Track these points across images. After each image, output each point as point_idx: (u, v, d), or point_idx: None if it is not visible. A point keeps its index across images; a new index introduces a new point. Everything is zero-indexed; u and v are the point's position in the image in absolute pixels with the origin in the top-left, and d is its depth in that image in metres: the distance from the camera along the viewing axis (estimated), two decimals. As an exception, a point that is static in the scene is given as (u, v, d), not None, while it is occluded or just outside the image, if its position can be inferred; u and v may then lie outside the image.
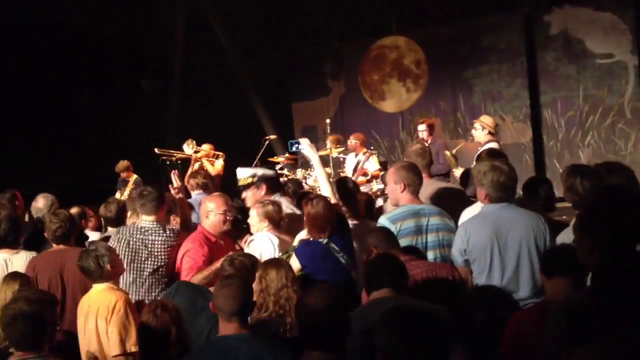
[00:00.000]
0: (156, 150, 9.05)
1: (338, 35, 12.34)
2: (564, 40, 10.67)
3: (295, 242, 4.55)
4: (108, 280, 3.86)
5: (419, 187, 4.22)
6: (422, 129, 8.26)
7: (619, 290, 2.09)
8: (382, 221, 4.10)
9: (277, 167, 9.35)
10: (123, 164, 10.01)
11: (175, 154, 9.25)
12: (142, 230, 4.60)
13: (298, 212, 5.10)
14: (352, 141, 8.88)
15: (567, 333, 2.45)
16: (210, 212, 4.58)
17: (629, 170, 3.91)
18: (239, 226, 5.12)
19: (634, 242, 2.51)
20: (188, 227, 4.99)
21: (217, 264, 4.14)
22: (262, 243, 4.61)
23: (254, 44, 12.15)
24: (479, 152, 4.72)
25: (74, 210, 5.52)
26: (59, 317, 4.14)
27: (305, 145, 4.83)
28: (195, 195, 6.40)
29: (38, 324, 3.13)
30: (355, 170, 8.72)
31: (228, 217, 4.60)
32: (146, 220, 4.63)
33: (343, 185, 4.84)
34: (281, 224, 4.69)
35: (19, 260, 4.70)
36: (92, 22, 10.63)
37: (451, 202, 4.67)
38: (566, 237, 3.40)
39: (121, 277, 4.53)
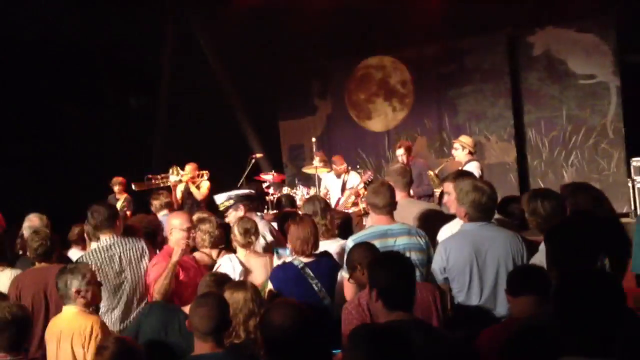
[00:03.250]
0: (133, 186, 8.84)
1: (325, 55, 12.40)
2: (547, 61, 10.79)
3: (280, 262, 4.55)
4: (80, 304, 3.76)
5: (390, 208, 4.19)
6: (400, 153, 8.23)
7: (580, 309, 2.12)
8: (349, 243, 4.09)
9: (264, 185, 9.37)
10: (118, 178, 9.93)
11: (157, 183, 8.85)
12: (105, 248, 4.51)
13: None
14: (341, 165, 8.98)
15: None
16: (174, 229, 4.55)
17: (595, 189, 3.99)
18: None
19: (590, 261, 2.56)
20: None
21: (172, 260, 4.23)
22: (225, 270, 4.50)
23: (242, 62, 12.21)
24: (445, 175, 4.79)
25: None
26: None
27: None
28: (162, 216, 6.47)
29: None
30: (343, 190, 8.81)
31: (191, 234, 4.58)
32: (105, 238, 4.55)
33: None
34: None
35: (2, 278, 4.71)
36: (80, 38, 10.62)
37: (430, 221, 4.73)
38: (539, 258, 3.42)
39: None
